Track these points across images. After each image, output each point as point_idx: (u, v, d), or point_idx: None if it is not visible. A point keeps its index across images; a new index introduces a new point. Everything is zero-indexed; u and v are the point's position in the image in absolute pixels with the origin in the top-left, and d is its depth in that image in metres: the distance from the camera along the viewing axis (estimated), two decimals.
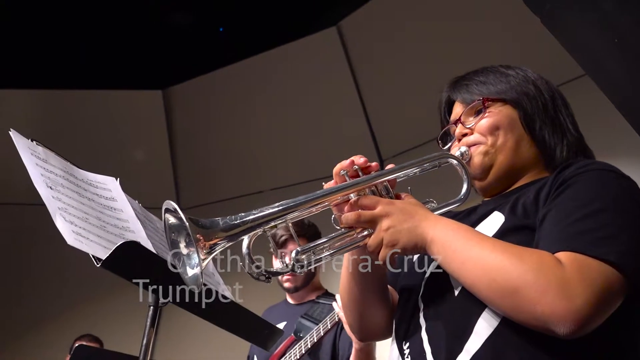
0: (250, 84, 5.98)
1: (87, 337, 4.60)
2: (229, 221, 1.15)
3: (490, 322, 1.15)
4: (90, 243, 1.45)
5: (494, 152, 1.38)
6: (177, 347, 5.67)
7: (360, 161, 1.27)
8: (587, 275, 1.05)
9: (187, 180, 6.55)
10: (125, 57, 5.88)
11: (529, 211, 1.24)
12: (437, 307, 1.25)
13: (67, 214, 1.47)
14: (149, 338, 1.70)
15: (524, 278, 1.06)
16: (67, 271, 5.24)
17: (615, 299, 1.08)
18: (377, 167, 1.29)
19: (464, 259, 1.14)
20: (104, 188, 1.73)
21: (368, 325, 1.45)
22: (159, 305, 1.72)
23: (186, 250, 1.17)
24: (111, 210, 1.67)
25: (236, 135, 6.24)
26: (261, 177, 6.23)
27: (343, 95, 5.82)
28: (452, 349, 1.17)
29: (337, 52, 5.70)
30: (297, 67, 5.83)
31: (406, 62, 5.38)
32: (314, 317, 2.88)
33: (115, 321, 5.56)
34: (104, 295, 5.62)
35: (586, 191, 1.18)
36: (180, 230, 1.17)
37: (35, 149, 1.59)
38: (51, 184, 1.52)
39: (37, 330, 6.02)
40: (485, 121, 1.39)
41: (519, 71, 1.46)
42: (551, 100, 1.42)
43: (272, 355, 2.94)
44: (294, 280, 3.02)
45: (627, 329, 1.16)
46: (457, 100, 1.49)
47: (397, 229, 1.19)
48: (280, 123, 6.07)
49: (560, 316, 1.03)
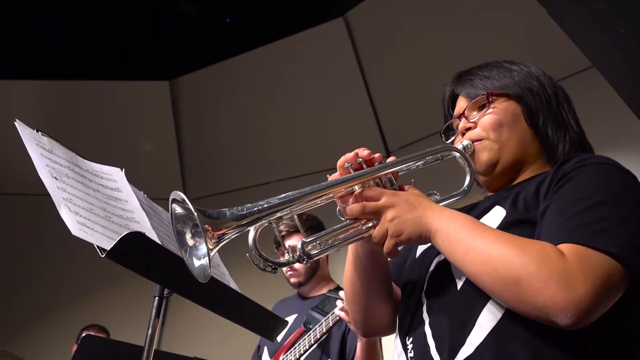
0: (256, 75, 5.97)
1: (94, 327, 4.62)
2: (236, 212, 1.15)
3: (494, 315, 1.15)
4: (95, 234, 1.45)
5: (499, 148, 1.39)
6: (184, 338, 5.70)
7: (364, 154, 1.28)
8: (589, 266, 1.06)
9: (193, 171, 6.56)
10: (132, 48, 5.89)
11: (530, 205, 1.24)
12: (440, 302, 1.26)
13: (72, 205, 1.47)
14: (154, 328, 1.70)
15: (527, 269, 1.07)
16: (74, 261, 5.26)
17: (616, 290, 1.09)
18: (381, 158, 1.30)
19: (468, 250, 1.14)
20: (109, 179, 1.73)
21: (371, 321, 1.46)
22: (164, 296, 1.72)
23: (192, 241, 1.17)
24: (116, 201, 1.67)
25: (242, 127, 6.24)
26: (268, 169, 6.23)
27: (350, 86, 5.80)
28: (455, 343, 1.17)
29: (344, 43, 5.69)
30: (304, 58, 5.82)
31: (413, 53, 5.36)
32: (324, 310, 2.90)
33: (122, 311, 5.59)
34: (111, 285, 5.65)
35: (587, 184, 1.18)
36: (187, 220, 1.16)
37: (40, 140, 1.58)
38: (56, 174, 1.52)
39: (44, 320, 6.07)
40: (489, 117, 1.40)
41: (522, 67, 1.46)
42: (554, 96, 1.42)
43: (282, 346, 2.95)
44: (296, 275, 3.04)
45: (629, 320, 1.17)
46: (460, 94, 1.49)
47: (401, 220, 1.19)
48: (287, 114, 6.06)
49: (562, 307, 1.04)
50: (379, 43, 5.63)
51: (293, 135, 6.10)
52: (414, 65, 5.36)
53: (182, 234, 1.18)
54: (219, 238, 1.13)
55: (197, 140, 6.50)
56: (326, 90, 5.85)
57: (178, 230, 1.18)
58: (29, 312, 6.06)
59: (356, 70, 5.74)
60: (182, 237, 1.18)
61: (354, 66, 5.73)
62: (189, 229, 1.17)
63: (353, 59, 5.72)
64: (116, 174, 1.77)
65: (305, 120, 6.03)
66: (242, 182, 6.29)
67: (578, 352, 1.10)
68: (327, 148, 5.54)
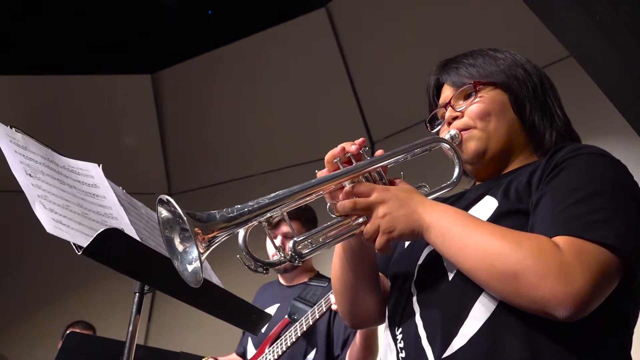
0: (239, 67, 5.94)
1: (79, 323, 4.60)
2: (226, 214, 1.13)
3: (487, 306, 1.15)
4: (70, 231, 1.42)
5: (486, 138, 1.38)
6: (171, 333, 5.69)
7: (351, 149, 1.26)
8: (585, 259, 1.06)
9: (177, 165, 6.53)
10: (113, 41, 5.82)
11: (522, 195, 1.23)
12: (431, 293, 1.25)
13: (47, 202, 1.44)
14: (135, 325, 1.69)
15: (524, 263, 1.07)
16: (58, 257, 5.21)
17: (611, 281, 1.09)
18: (364, 143, 1.28)
19: (463, 245, 1.14)
20: (86, 175, 1.71)
21: (360, 312, 1.45)
22: (144, 292, 1.71)
23: (182, 246, 1.15)
24: (93, 197, 1.65)
25: (226, 119, 6.22)
26: (252, 161, 6.21)
27: (333, 77, 5.79)
28: (447, 334, 1.17)
29: (326, 34, 5.66)
30: (287, 49, 5.79)
31: (396, 43, 5.35)
32: (307, 299, 2.89)
33: (108, 307, 5.55)
34: (96, 281, 5.61)
35: (580, 175, 1.18)
36: (175, 225, 1.14)
37: (14, 136, 1.55)
38: (31, 171, 1.50)
39: (29, 316, 6.03)
40: (476, 106, 1.38)
41: (507, 54, 1.45)
42: (540, 84, 1.41)
43: (266, 338, 2.94)
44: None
45: (623, 311, 1.18)
46: (446, 83, 1.48)
47: (393, 216, 1.18)
48: (270, 106, 6.04)
49: (560, 300, 1.04)
50: (361, 33, 5.61)
51: (276, 127, 6.08)
52: (397, 54, 5.35)
53: (170, 240, 1.15)
54: (210, 241, 1.11)
55: (180, 133, 6.46)
56: (309, 81, 5.84)
57: (167, 236, 1.15)
58: (14, 310, 6.01)
59: (339, 60, 5.72)
60: (171, 242, 1.15)
61: (337, 56, 5.72)
62: (177, 233, 1.15)
63: (335, 49, 5.70)
64: (93, 170, 1.75)
65: (288, 111, 6.01)
66: (226, 174, 6.27)
67: (572, 341, 1.11)
68: (311, 139, 5.54)
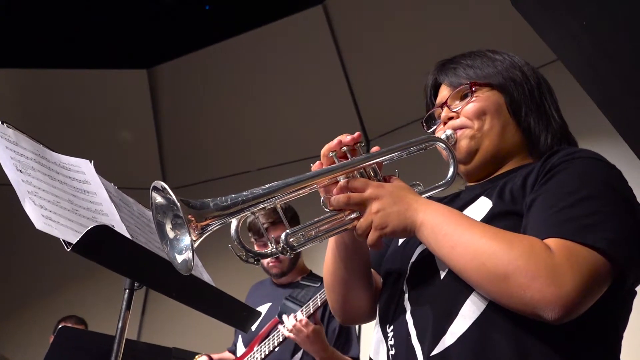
0: (236, 63, 5.93)
1: (71, 318, 4.60)
2: (220, 202, 1.13)
3: (477, 306, 1.16)
4: (60, 227, 1.42)
5: (480, 137, 1.38)
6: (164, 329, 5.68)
7: (347, 139, 1.27)
8: (576, 262, 1.06)
9: (173, 161, 6.52)
10: (109, 36, 5.80)
11: (517, 197, 1.24)
12: (422, 291, 1.25)
13: (37, 198, 1.44)
14: (124, 321, 1.70)
15: (514, 264, 1.07)
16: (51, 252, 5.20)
17: (602, 285, 1.09)
18: (360, 137, 1.28)
19: (454, 244, 1.14)
20: (77, 171, 1.71)
21: (351, 309, 1.45)
22: (134, 289, 1.71)
23: (173, 233, 1.14)
24: (84, 194, 1.65)
25: (222, 115, 6.21)
26: (248, 157, 6.21)
27: (329, 74, 5.78)
28: (436, 331, 1.17)
29: (323, 31, 5.65)
30: (283, 45, 5.78)
31: (392, 41, 5.34)
32: (298, 299, 2.89)
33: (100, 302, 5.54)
34: (89, 276, 5.61)
35: (574, 179, 1.18)
36: (168, 211, 1.14)
37: (5, 132, 1.56)
38: (21, 167, 1.50)
39: (21, 311, 6.02)
40: (472, 106, 1.39)
41: (505, 56, 1.45)
42: (537, 86, 1.42)
43: (256, 336, 2.94)
44: (280, 266, 3.01)
45: (612, 314, 1.18)
46: (443, 83, 1.48)
47: (386, 212, 1.19)
48: (267, 102, 6.03)
49: (549, 302, 1.04)
50: (358, 30, 5.61)
51: (272, 123, 6.07)
52: (393, 52, 5.35)
53: (162, 225, 1.15)
54: (202, 229, 1.11)
55: (176, 129, 6.45)
56: (305, 78, 5.83)
57: (158, 220, 1.15)
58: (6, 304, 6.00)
59: (335, 57, 5.71)
60: (162, 228, 1.15)
61: (333, 54, 5.71)
62: (169, 220, 1.14)
63: (332, 46, 5.69)
64: (84, 166, 1.75)
65: (284, 108, 6.00)
66: (222, 170, 6.26)
67: (561, 342, 1.11)
68: (307, 136, 5.54)
